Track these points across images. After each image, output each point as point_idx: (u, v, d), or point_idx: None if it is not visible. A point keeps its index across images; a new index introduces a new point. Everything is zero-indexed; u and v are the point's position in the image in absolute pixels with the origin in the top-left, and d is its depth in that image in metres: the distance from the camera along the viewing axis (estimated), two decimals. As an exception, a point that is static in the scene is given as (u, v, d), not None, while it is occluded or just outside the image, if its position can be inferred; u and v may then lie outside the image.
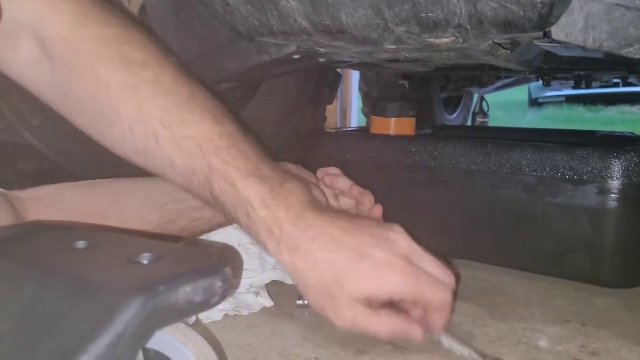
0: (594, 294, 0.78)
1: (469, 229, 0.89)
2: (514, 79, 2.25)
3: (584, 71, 1.39)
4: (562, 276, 0.83)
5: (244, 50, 0.84)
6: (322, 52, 0.82)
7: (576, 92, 5.35)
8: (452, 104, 2.55)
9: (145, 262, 0.34)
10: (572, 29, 0.60)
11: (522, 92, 6.43)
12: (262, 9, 0.68)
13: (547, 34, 0.61)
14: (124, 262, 0.34)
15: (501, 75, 1.92)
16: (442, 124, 2.24)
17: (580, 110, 6.17)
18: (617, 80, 2.92)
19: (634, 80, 1.87)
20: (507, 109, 5.77)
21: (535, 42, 0.68)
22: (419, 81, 2.06)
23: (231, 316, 0.69)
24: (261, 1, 0.67)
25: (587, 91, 4.76)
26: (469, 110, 2.72)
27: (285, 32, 0.70)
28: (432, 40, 0.64)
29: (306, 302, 0.70)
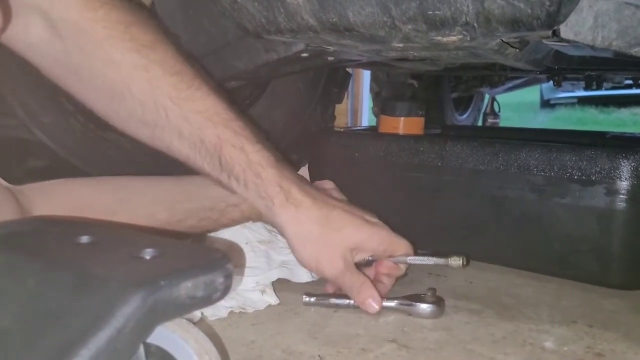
0: (601, 295, 0.78)
1: (476, 229, 0.89)
2: (525, 79, 2.24)
3: (594, 71, 1.38)
4: (569, 277, 0.83)
5: (252, 48, 0.84)
6: (330, 51, 0.82)
7: (588, 93, 5.30)
8: (462, 104, 2.54)
9: (147, 257, 0.34)
10: (581, 28, 0.60)
11: (533, 93, 6.40)
12: (269, 6, 0.68)
13: (555, 32, 0.61)
14: (126, 257, 0.34)
15: (511, 75, 1.91)
16: (451, 124, 2.23)
17: (592, 111, 6.12)
18: (629, 81, 2.89)
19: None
20: (519, 110, 5.75)
21: (543, 40, 0.68)
22: (429, 81, 2.05)
23: (236, 313, 0.69)
24: (268, -1, 0.67)
25: (599, 92, 4.72)
26: (479, 110, 2.71)
27: (292, 30, 0.70)
28: (439, 38, 0.64)
29: (312, 299, 0.70)
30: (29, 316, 0.31)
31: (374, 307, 0.67)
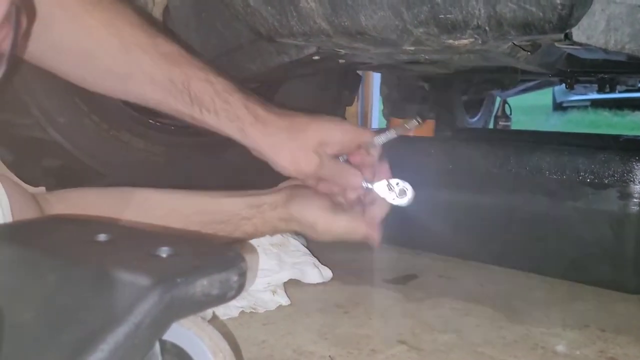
0: (614, 299, 0.78)
1: (487, 231, 0.89)
2: (537, 82, 2.23)
3: (607, 74, 1.38)
4: (581, 281, 0.82)
5: (264, 50, 0.84)
6: (341, 54, 0.82)
7: (601, 96, 5.26)
8: (473, 106, 2.53)
9: (163, 255, 0.35)
10: (593, 31, 0.60)
11: (546, 96, 6.35)
12: (282, 10, 0.69)
13: (567, 35, 0.61)
14: (143, 255, 0.34)
15: (523, 77, 1.91)
16: (462, 127, 2.23)
17: (605, 114, 6.06)
18: (643, 84, 2.87)
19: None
20: (530, 112, 5.71)
21: (555, 44, 0.68)
22: (440, 83, 2.04)
23: (247, 313, 0.69)
24: (281, 2, 0.68)
25: (612, 95, 4.69)
26: (490, 113, 2.70)
27: (304, 33, 0.70)
28: (450, 41, 0.64)
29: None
30: (50, 311, 0.31)
31: (358, 179, 0.73)
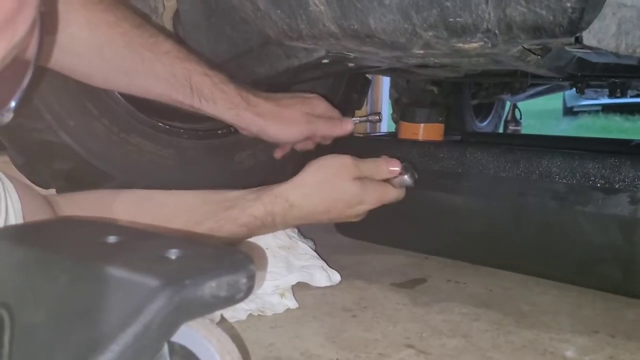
0: (624, 305, 0.77)
1: (496, 236, 0.89)
2: (547, 86, 2.22)
3: (618, 79, 1.37)
4: (591, 286, 0.82)
5: (273, 54, 0.85)
6: (350, 57, 0.83)
7: (613, 100, 5.23)
8: (483, 111, 2.52)
9: (172, 257, 0.35)
10: (604, 35, 0.60)
11: (556, 101, 6.32)
12: (291, 14, 0.69)
13: (578, 39, 0.60)
14: (152, 257, 0.34)
15: (533, 82, 1.90)
16: (472, 131, 2.22)
17: (616, 119, 6.02)
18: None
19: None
20: (541, 117, 5.68)
21: (566, 47, 0.68)
22: (449, 87, 2.04)
23: (255, 316, 0.70)
24: (290, 5, 0.68)
25: (623, 100, 4.65)
26: (500, 117, 2.69)
27: (314, 36, 0.70)
28: (460, 45, 0.64)
29: None
30: (61, 312, 0.31)
31: (349, 124, 0.90)
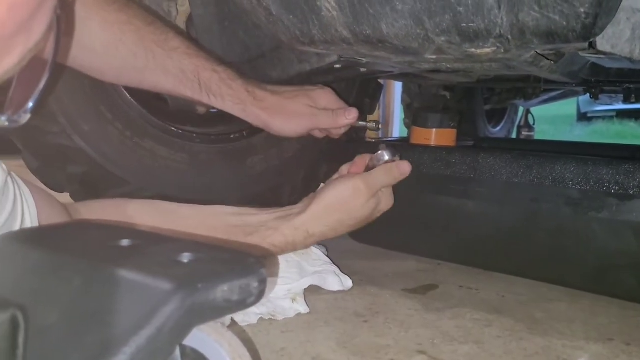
0: (639, 312, 0.76)
1: (509, 242, 0.88)
2: (561, 91, 2.20)
3: (633, 84, 1.35)
4: (605, 293, 0.81)
5: (286, 58, 0.85)
6: (363, 62, 0.83)
7: (627, 106, 5.18)
8: (496, 116, 2.51)
9: (185, 260, 0.35)
10: (618, 40, 0.59)
11: (570, 106, 6.27)
12: (304, 19, 0.69)
13: (591, 44, 0.60)
14: (165, 260, 0.35)
15: (546, 87, 1.89)
16: (484, 136, 2.21)
17: (631, 125, 5.97)
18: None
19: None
20: (554, 123, 5.65)
21: (580, 53, 0.67)
22: (462, 93, 2.04)
23: (266, 320, 0.70)
24: (303, 11, 0.68)
25: (638, 106, 4.61)
26: (513, 123, 2.68)
27: (326, 42, 0.71)
28: (472, 50, 0.64)
29: None
30: (74, 314, 0.32)
31: (353, 113, 0.88)
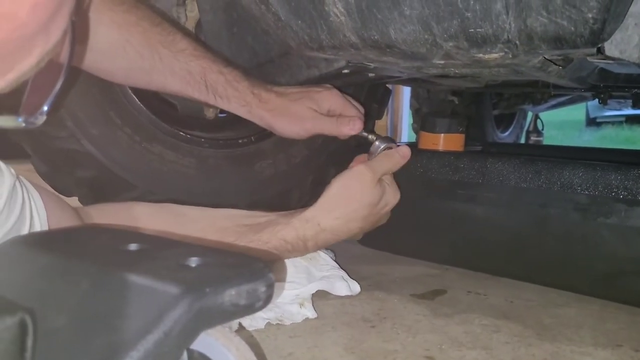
0: (648, 319, 0.76)
1: (517, 247, 0.88)
2: (569, 97, 2.20)
3: (642, 89, 1.35)
4: (614, 299, 0.81)
5: (294, 64, 0.85)
6: (371, 67, 0.83)
7: (636, 111, 5.15)
8: (504, 121, 2.51)
9: (192, 265, 0.36)
10: (626, 45, 0.59)
11: (579, 111, 6.24)
12: (312, 24, 0.69)
13: (600, 50, 0.60)
14: (173, 265, 0.35)
15: (555, 92, 1.88)
16: (493, 141, 2.21)
17: (640, 130, 5.93)
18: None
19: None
20: (563, 128, 5.62)
21: (588, 58, 0.67)
22: (470, 98, 2.03)
23: (274, 325, 0.70)
24: (311, 16, 0.69)
25: (648, 110, 4.58)
26: (522, 128, 2.67)
27: (334, 47, 0.71)
28: (480, 55, 0.64)
29: None
30: (82, 317, 0.32)
31: (357, 124, 0.85)
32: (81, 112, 0.91)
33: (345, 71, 0.84)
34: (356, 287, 0.82)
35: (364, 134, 0.86)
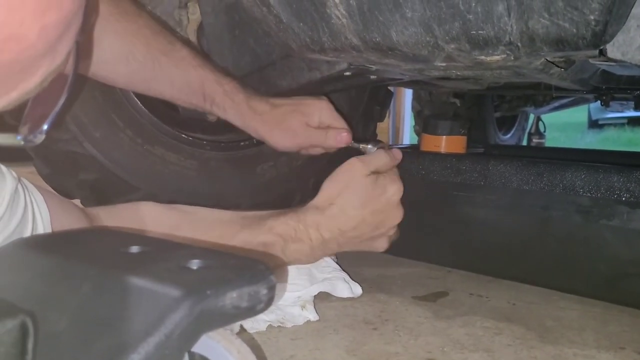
0: (651, 321, 0.75)
1: (519, 249, 0.88)
2: (571, 99, 2.20)
3: (644, 91, 1.35)
4: (616, 301, 0.80)
5: (296, 66, 0.85)
6: (372, 69, 0.83)
7: (639, 113, 5.14)
8: (506, 123, 2.51)
9: (194, 267, 0.36)
10: (628, 47, 0.59)
11: (581, 113, 6.24)
12: (313, 26, 0.69)
13: (602, 52, 0.60)
14: (174, 267, 0.35)
15: (557, 94, 1.88)
16: (495, 143, 2.20)
17: (643, 132, 5.92)
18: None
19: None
20: (565, 130, 5.62)
21: (590, 60, 0.67)
22: (472, 100, 2.03)
23: (276, 328, 0.70)
24: (313, 18, 0.69)
25: (650, 112, 4.56)
26: (524, 130, 2.67)
27: (335, 49, 0.71)
28: (482, 57, 0.64)
29: None
30: (83, 320, 0.32)
31: (344, 137, 0.87)
32: (83, 114, 0.91)
33: (347, 73, 0.84)
34: (358, 289, 0.82)
35: (354, 145, 0.88)
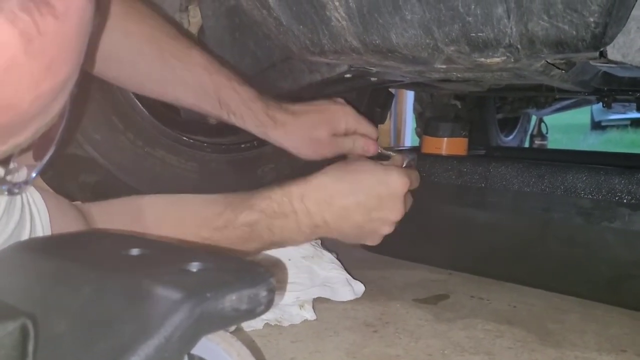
0: (653, 324, 0.75)
1: (520, 251, 0.87)
2: (573, 100, 2.19)
3: (646, 93, 1.34)
4: (618, 304, 0.80)
5: (296, 69, 0.86)
6: (373, 71, 0.83)
7: (641, 115, 5.14)
8: (508, 125, 2.50)
9: (194, 270, 0.36)
10: (629, 49, 0.59)
11: (583, 115, 6.23)
12: (313, 29, 0.69)
13: (602, 54, 0.60)
14: (174, 269, 0.35)
15: (559, 96, 1.88)
16: (496, 145, 2.20)
17: (646, 133, 5.91)
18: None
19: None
20: (568, 131, 5.61)
21: (590, 62, 0.67)
22: (473, 102, 2.03)
23: (276, 330, 0.70)
24: (313, 21, 0.69)
25: (652, 114, 4.56)
26: (526, 132, 2.66)
27: (335, 51, 0.71)
28: (482, 59, 0.64)
29: None
30: (83, 323, 0.32)
31: (371, 148, 0.85)
32: (84, 117, 0.91)
33: (347, 75, 0.84)
34: (360, 288, 0.82)
35: (384, 152, 0.87)
